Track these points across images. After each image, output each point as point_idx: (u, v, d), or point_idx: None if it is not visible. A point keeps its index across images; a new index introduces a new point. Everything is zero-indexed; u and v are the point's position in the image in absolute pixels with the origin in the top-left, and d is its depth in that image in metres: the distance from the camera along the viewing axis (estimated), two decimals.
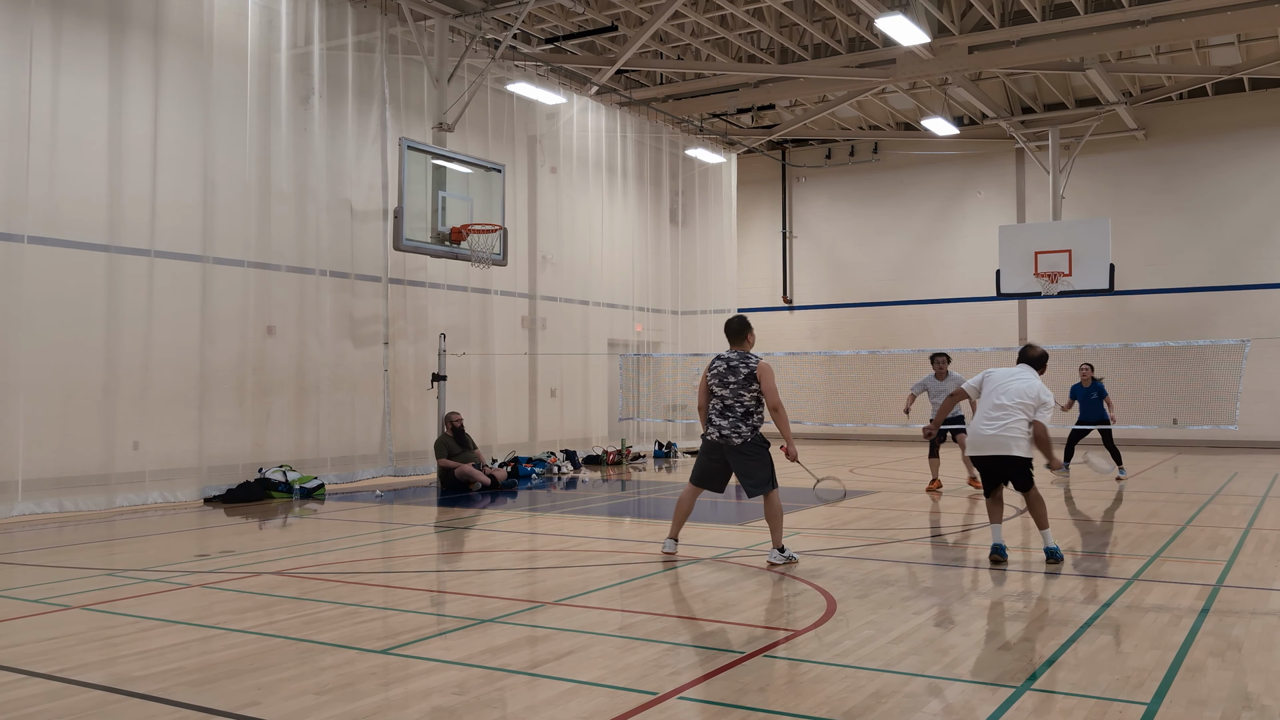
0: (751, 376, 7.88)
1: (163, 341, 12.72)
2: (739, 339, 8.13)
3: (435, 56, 15.70)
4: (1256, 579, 7.36)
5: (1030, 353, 8.39)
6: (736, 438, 7.90)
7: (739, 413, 7.93)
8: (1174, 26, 17.30)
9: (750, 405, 7.94)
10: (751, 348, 8.17)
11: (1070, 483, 14.62)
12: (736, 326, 8.17)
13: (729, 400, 7.95)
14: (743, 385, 7.91)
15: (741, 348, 8.12)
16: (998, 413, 7.91)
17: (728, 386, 7.96)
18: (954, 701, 4.60)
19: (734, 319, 8.24)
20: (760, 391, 7.90)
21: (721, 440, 7.96)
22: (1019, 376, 8.12)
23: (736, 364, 7.97)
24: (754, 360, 7.95)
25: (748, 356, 8.00)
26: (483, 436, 16.87)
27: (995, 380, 8.13)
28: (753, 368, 7.90)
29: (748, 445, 7.91)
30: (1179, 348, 20.22)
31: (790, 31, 19.62)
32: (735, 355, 8.05)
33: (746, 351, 8.08)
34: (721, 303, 24.68)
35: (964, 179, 25.57)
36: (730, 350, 8.15)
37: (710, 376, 8.07)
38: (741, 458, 7.94)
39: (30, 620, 6.31)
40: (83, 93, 12.12)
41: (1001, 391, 7.98)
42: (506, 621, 6.17)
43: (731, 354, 8.08)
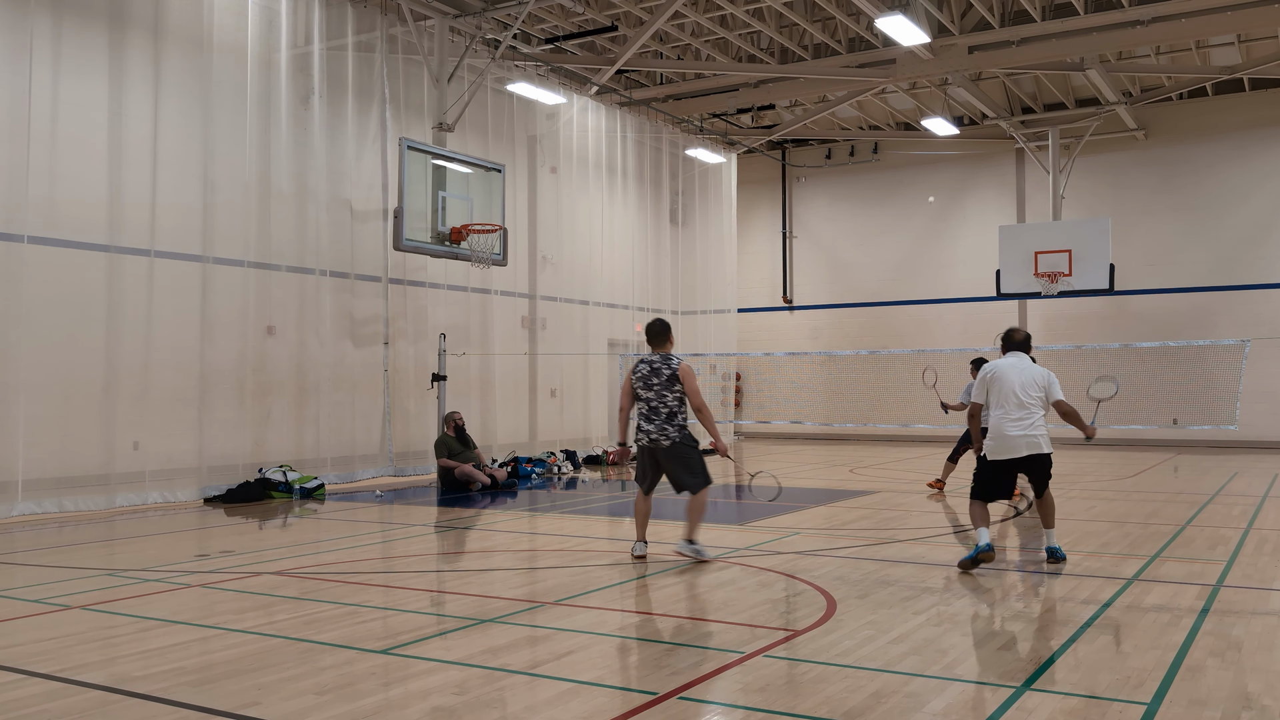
0: (674, 378, 8.01)
1: (163, 341, 12.72)
2: (660, 341, 8.24)
3: (435, 56, 15.71)
4: (1256, 579, 7.36)
5: (1016, 337, 8.24)
6: (665, 440, 8.03)
7: (664, 414, 8.04)
8: (1174, 26, 17.30)
9: (674, 406, 8.06)
10: (672, 349, 8.30)
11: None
12: (658, 329, 8.28)
13: (654, 402, 8.06)
14: (666, 387, 8.02)
15: (663, 349, 8.22)
16: (1021, 412, 7.80)
17: (651, 389, 8.06)
18: (954, 701, 4.60)
19: (655, 321, 8.35)
20: (683, 393, 8.04)
21: (651, 444, 8.08)
22: (1022, 369, 7.98)
23: (659, 366, 8.07)
24: (675, 362, 8.07)
25: (669, 358, 8.11)
26: (483, 436, 16.87)
27: (1004, 379, 7.94)
28: (675, 369, 8.02)
29: (677, 446, 8.05)
30: (1179, 348, 20.22)
31: (790, 31, 19.62)
32: (658, 358, 8.14)
33: (668, 353, 8.20)
34: (721, 303, 24.69)
35: (964, 179, 25.58)
36: (652, 353, 8.24)
37: (634, 379, 8.16)
38: (672, 458, 8.07)
39: (30, 620, 6.31)
40: (83, 93, 12.12)
41: (1018, 388, 7.85)
42: (506, 621, 6.17)
43: (654, 356, 8.17)
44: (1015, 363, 8.04)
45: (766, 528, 10.17)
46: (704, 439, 8.53)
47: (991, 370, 8.06)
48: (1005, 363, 8.07)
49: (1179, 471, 16.43)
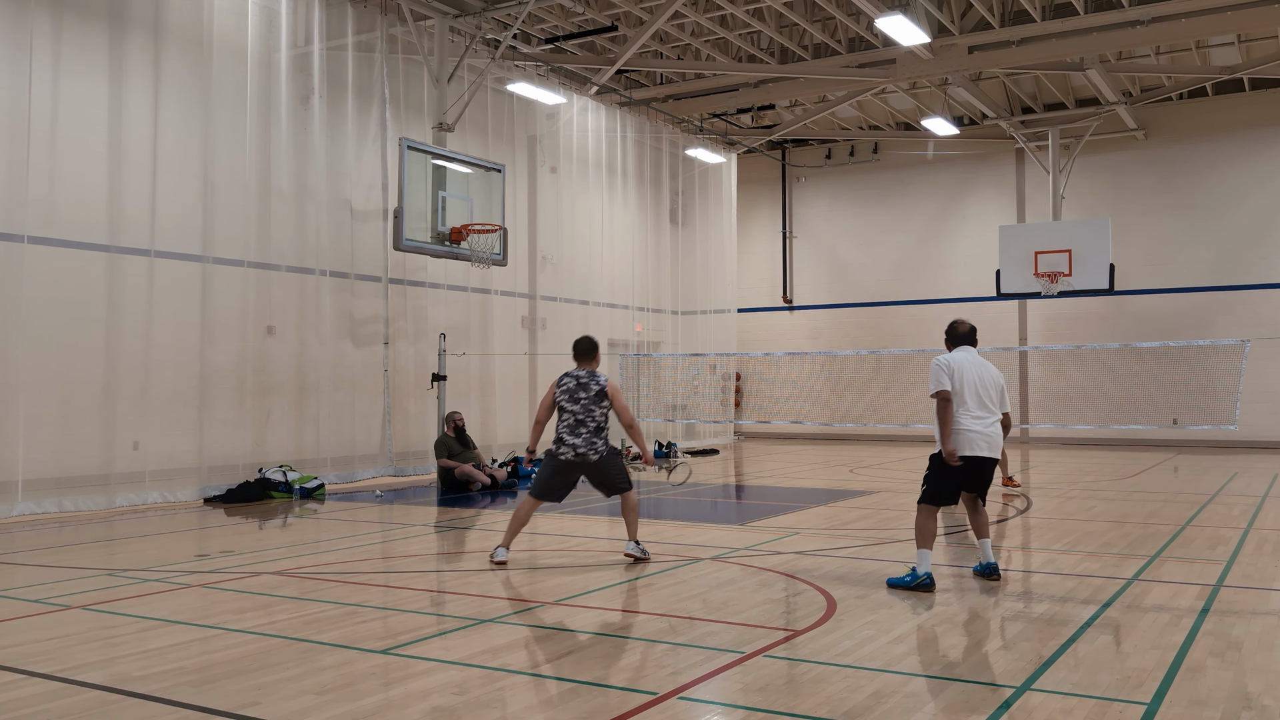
0: (602, 394, 8.20)
1: (163, 341, 12.72)
2: (588, 358, 8.42)
3: (435, 56, 15.71)
4: (1256, 579, 7.36)
5: (961, 330, 7.79)
6: (594, 454, 8.16)
7: (591, 428, 8.18)
8: (1174, 26, 17.30)
9: (600, 420, 8.23)
10: (598, 367, 8.48)
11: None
12: (585, 347, 8.47)
13: (580, 415, 8.18)
14: (593, 402, 8.18)
15: (590, 366, 8.40)
16: (981, 411, 7.39)
17: (578, 403, 8.20)
18: (954, 701, 4.60)
19: (583, 339, 8.53)
20: (609, 409, 8.25)
21: (578, 458, 8.16)
22: (978, 365, 7.56)
23: (586, 381, 8.24)
24: (603, 379, 8.28)
25: (596, 375, 8.30)
26: (483, 436, 16.87)
27: (969, 373, 7.46)
28: (602, 385, 8.23)
29: (603, 458, 8.21)
30: (1179, 348, 20.21)
31: (790, 31, 19.62)
32: (585, 373, 8.31)
33: (595, 371, 8.38)
34: (721, 303, 24.70)
35: (964, 179, 25.57)
36: (579, 368, 8.39)
37: (559, 393, 8.28)
38: (600, 469, 8.24)
39: (30, 620, 6.31)
40: (83, 93, 12.12)
41: (983, 386, 7.45)
42: (506, 621, 6.17)
43: (580, 372, 8.33)
44: (970, 359, 7.59)
45: (766, 528, 10.17)
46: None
47: (953, 363, 7.53)
48: (963, 356, 7.60)
49: (1179, 472, 16.43)
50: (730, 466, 18.69)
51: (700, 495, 14.00)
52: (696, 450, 21.86)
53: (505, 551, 8.24)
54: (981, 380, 7.48)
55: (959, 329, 7.83)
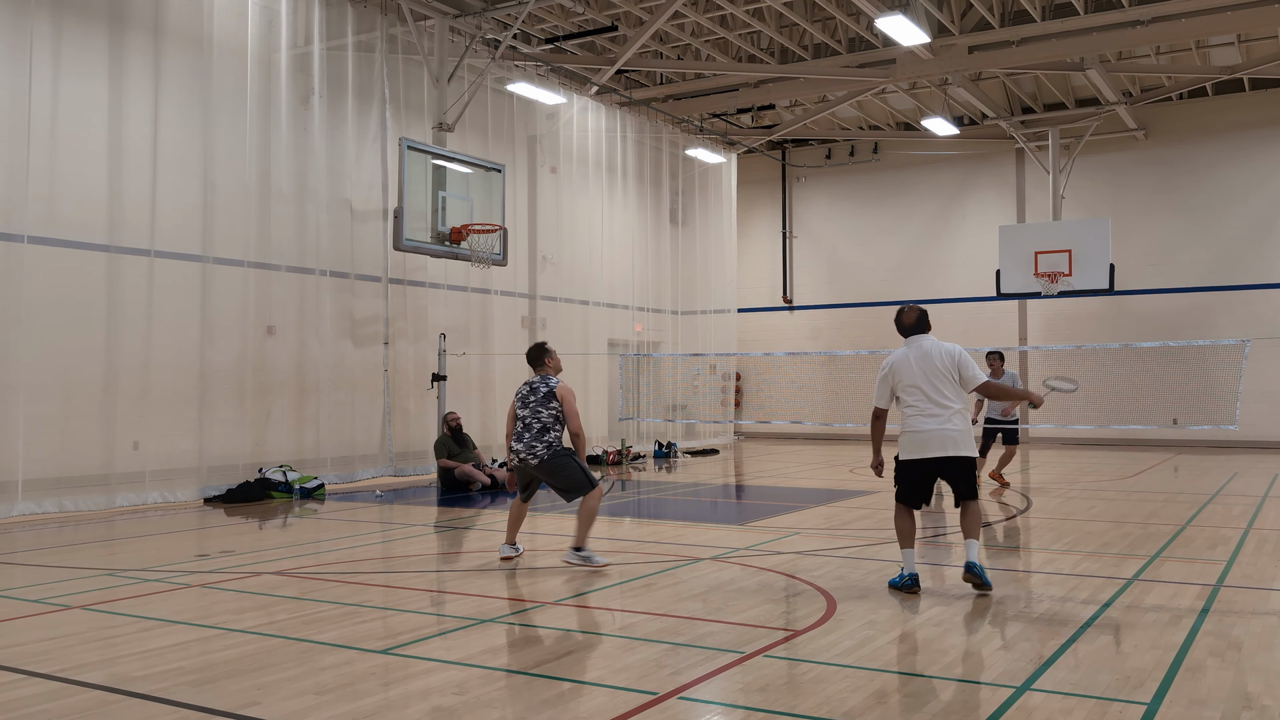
0: (550, 395, 8.10)
1: (163, 341, 12.72)
2: (539, 364, 8.40)
3: (435, 56, 15.71)
4: (1256, 579, 7.36)
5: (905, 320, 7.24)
6: (533, 458, 8.02)
7: (535, 429, 8.05)
8: (1174, 26, 17.30)
9: (547, 422, 8.06)
10: (556, 372, 8.41)
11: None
12: (534, 354, 8.45)
13: (527, 419, 8.12)
14: (541, 404, 8.10)
15: (544, 372, 8.38)
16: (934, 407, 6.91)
17: (528, 406, 8.15)
18: (954, 701, 4.60)
19: (533, 346, 8.53)
20: (559, 411, 8.09)
21: (521, 463, 8.10)
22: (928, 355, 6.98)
23: (537, 384, 8.22)
24: (554, 381, 8.24)
25: (548, 379, 8.27)
26: (483, 436, 16.87)
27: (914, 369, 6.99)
28: (552, 387, 8.16)
29: (545, 462, 8.00)
30: (1179, 348, 20.21)
31: (790, 31, 19.62)
32: (538, 379, 8.30)
33: (547, 375, 8.34)
34: (721, 303, 24.69)
35: (964, 179, 25.57)
36: (534, 376, 8.39)
37: (516, 402, 8.28)
38: (548, 470, 8.04)
39: (30, 620, 6.31)
40: (83, 93, 12.12)
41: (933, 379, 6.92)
42: (506, 621, 6.17)
43: (535, 378, 8.33)
44: (915, 352, 7.05)
45: (766, 528, 10.17)
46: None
47: (889, 368, 7.11)
48: (901, 355, 7.12)
49: (1179, 471, 16.43)
50: (730, 466, 18.69)
51: (700, 495, 14.00)
52: (696, 450, 21.86)
53: (509, 548, 8.29)
54: (929, 373, 6.93)
55: (903, 319, 7.24)
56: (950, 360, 6.96)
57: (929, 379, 6.94)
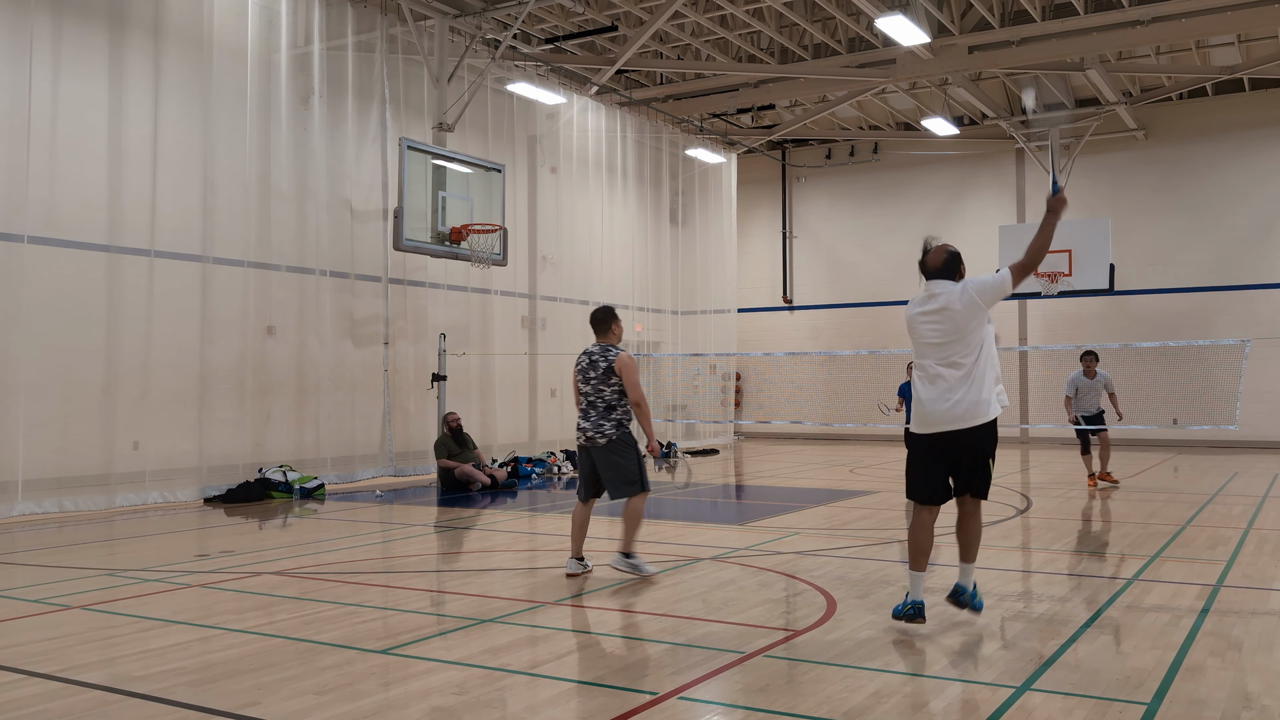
0: (610, 370, 7.45)
1: (163, 341, 12.72)
2: (603, 330, 7.64)
3: (435, 56, 15.70)
4: (1256, 579, 7.35)
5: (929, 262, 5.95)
6: (601, 438, 7.47)
7: (600, 409, 7.48)
8: (1174, 26, 17.30)
9: (612, 400, 7.47)
10: (619, 340, 7.68)
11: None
12: (600, 317, 7.67)
13: (591, 397, 7.52)
14: (602, 380, 7.48)
15: (606, 340, 7.63)
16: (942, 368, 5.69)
17: (589, 382, 7.53)
18: (954, 701, 4.60)
19: (598, 309, 7.74)
20: (621, 385, 7.47)
21: (587, 443, 7.55)
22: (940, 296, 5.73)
23: (597, 358, 7.53)
24: (614, 353, 7.51)
25: (609, 349, 7.55)
26: (483, 436, 16.87)
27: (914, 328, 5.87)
28: (611, 361, 7.46)
29: (612, 444, 7.47)
30: (1179, 348, 20.22)
31: (790, 31, 19.62)
32: (597, 349, 7.58)
33: (609, 345, 7.60)
34: (721, 303, 24.69)
35: (964, 179, 25.57)
36: (594, 344, 7.67)
37: (575, 373, 7.66)
38: (606, 456, 7.49)
39: (30, 620, 6.31)
40: (83, 93, 12.12)
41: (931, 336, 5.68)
42: (506, 621, 6.17)
43: (594, 347, 7.61)
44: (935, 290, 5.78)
45: (766, 528, 10.17)
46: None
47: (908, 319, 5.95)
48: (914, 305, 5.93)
49: (1179, 471, 16.43)
50: (730, 466, 18.69)
51: (700, 495, 14.00)
52: (696, 450, 21.86)
53: (578, 564, 7.59)
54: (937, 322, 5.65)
55: (926, 261, 5.97)
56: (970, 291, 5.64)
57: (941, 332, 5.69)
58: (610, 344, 7.64)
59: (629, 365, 7.47)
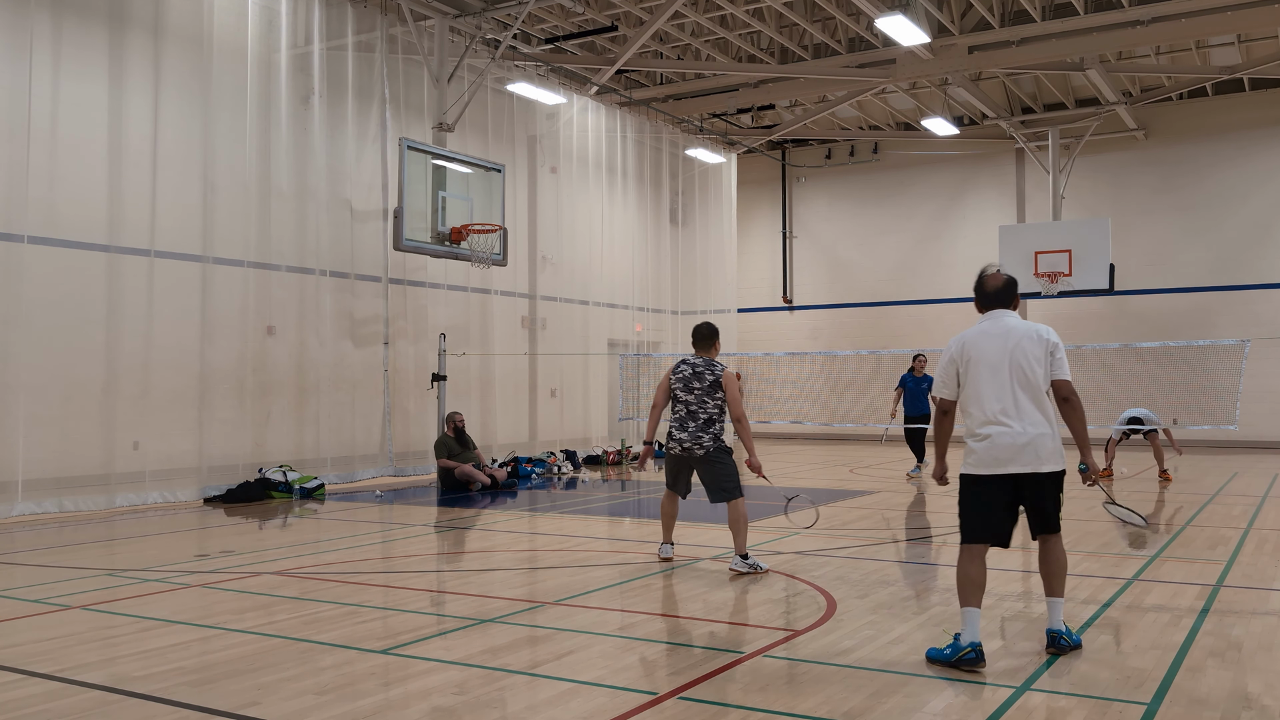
0: (716, 384, 7.79)
1: (163, 341, 12.72)
2: (706, 346, 7.99)
3: (435, 56, 15.71)
4: (1256, 579, 7.35)
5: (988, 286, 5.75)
6: (699, 449, 7.79)
7: (701, 420, 7.80)
8: (1174, 26, 17.30)
9: (714, 413, 7.82)
10: (717, 356, 8.07)
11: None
12: (706, 333, 8.02)
13: (693, 407, 7.82)
14: (707, 393, 7.79)
15: (708, 354, 7.98)
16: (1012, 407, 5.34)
17: (692, 393, 7.83)
18: (954, 701, 4.60)
19: (704, 325, 8.11)
20: (724, 400, 7.82)
21: (684, 453, 7.86)
22: (1010, 334, 5.44)
23: (702, 370, 7.84)
24: (719, 369, 7.85)
25: (713, 364, 7.88)
26: (483, 436, 16.87)
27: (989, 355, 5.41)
28: (718, 375, 7.80)
29: (711, 454, 7.79)
30: (1179, 348, 20.21)
31: (790, 31, 19.61)
32: (701, 361, 7.90)
33: (713, 359, 7.96)
34: (721, 303, 24.69)
35: (964, 179, 25.57)
36: (696, 356, 8.00)
37: (674, 380, 7.94)
38: (707, 466, 7.82)
39: (30, 620, 6.31)
40: (83, 93, 12.12)
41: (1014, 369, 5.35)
42: (506, 621, 6.17)
43: (697, 360, 7.93)
44: (995, 330, 5.50)
45: (766, 528, 10.17)
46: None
47: (960, 347, 5.51)
48: (979, 333, 5.53)
49: (1179, 471, 16.41)
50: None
51: (700, 495, 14.00)
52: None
53: (670, 548, 8.15)
54: (1013, 361, 5.33)
55: (986, 285, 5.70)
56: (1043, 341, 5.40)
57: (1014, 366, 5.35)
58: (713, 359, 7.96)
59: (734, 383, 7.87)
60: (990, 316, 5.62)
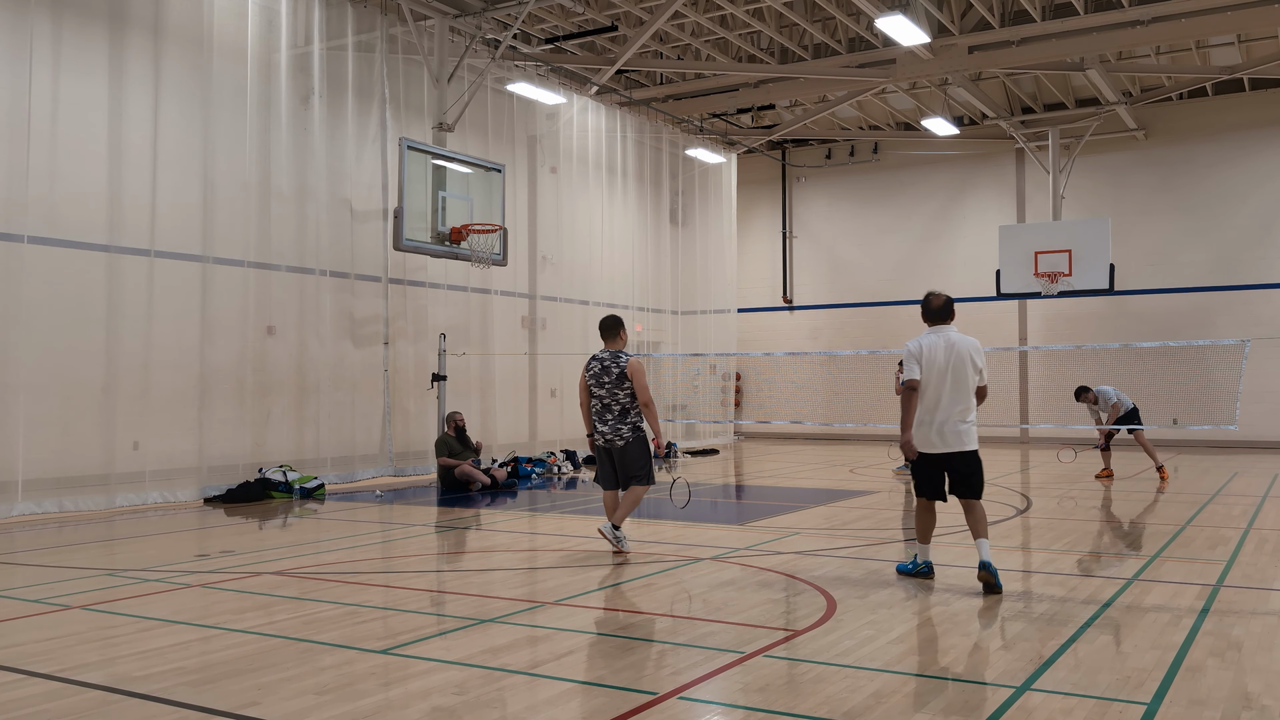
0: (623, 375, 8.22)
1: (163, 341, 12.72)
2: (612, 337, 8.41)
3: (435, 56, 15.71)
4: (1256, 579, 7.36)
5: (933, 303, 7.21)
6: (619, 440, 8.32)
7: (616, 412, 8.29)
8: (1174, 26, 17.30)
9: (625, 403, 8.29)
10: (624, 345, 8.45)
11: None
12: (609, 325, 8.45)
13: (606, 400, 8.31)
14: (616, 384, 8.25)
15: (615, 346, 8.39)
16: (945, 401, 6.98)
17: (604, 387, 8.30)
18: (954, 701, 4.60)
19: (606, 317, 8.53)
20: (632, 389, 8.27)
21: (607, 444, 8.38)
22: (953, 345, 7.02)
23: (609, 364, 8.28)
24: (624, 359, 8.28)
25: (619, 356, 8.30)
26: (482, 436, 16.87)
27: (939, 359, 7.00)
28: (623, 367, 8.23)
29: (629, 445, 8.32)
30: (1179, 348, 20.21)
31: (790, 31, 19.62)
32: (608, 355, 8.34)
33: (619, 351, 8.37)
34: (722, 303, 24.69)
35: (964, 179, 25.57)
36: (604, 350, 8.41)
37: (588, 377, 8.39)
38: (625, 455, 8.35)
39: (30, 620, 6.31)
40: (83, 93, 12.12)
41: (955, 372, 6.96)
42: (506, 621, 6.17)
43: (604, 354, 8.37)
44: (942, 341, 7.07)
45: (766, 528, 10.17)
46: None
47: (919, 348, 7.07)
48: (932, 341, 7.10)
49: (1179, 471, 16.41)
50: (730, 466, 18.69)
51: (700, 495, 14.00)
52: (696, 450, 21.86)
53: (612, 529, 8.38)
54: (955, 367, 6.95)
55: (931, 304, 7.20)
56: (974, 352, 7.03)
57: (955, 370, 6.96)
58: (619, 350, 8.43)
59: (639, 370, 8.31)
60: (936, 330, 7.15)
